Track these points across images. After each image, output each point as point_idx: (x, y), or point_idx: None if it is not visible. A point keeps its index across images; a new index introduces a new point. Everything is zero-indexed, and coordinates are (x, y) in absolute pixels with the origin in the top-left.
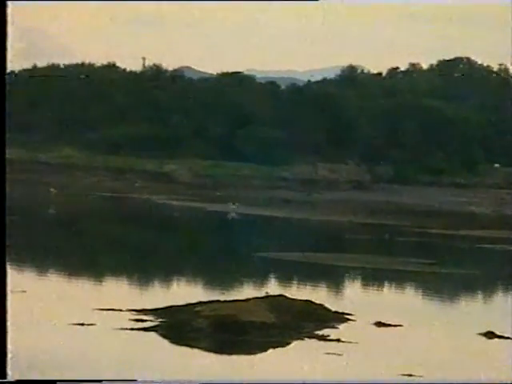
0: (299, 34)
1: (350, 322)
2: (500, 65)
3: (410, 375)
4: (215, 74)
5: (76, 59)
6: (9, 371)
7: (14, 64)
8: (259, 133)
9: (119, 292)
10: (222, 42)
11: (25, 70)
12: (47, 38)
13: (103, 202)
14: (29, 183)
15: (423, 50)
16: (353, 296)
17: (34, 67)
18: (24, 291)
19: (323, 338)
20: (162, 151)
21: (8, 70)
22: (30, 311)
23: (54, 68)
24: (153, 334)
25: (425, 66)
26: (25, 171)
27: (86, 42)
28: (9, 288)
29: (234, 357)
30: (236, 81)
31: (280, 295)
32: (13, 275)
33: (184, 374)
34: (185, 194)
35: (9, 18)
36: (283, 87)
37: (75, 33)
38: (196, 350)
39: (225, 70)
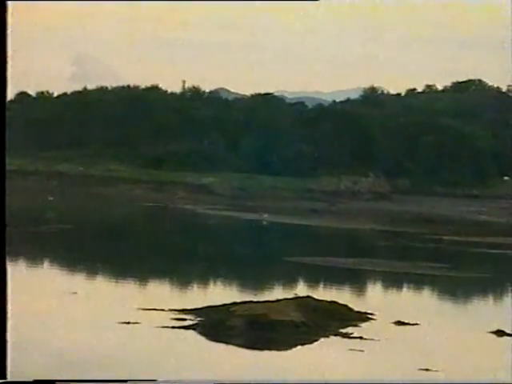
0: (324, 58)
1: (371, 321)
2: (509, 86)
3: (427, 370)
4: (248, 94)
5: (122, 82)
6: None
7: (67, 86)
8: (288, 148)
9: (162, 293)
10: (255, 65)
11: (76, 92)
12: (96, 61)
13: (148, 211)
14: (80, 194)
15: (438, 72)
16: (374, 297)
17: (85, 89)
18: (75, 292)
19: (347, 336)
20: (201, 165)
21: (61, 92)
22: (81, 311)
23: (102, 90)
24: (192, 332)
25: (439, 87)
26: (76, 183)
27: (132, 65)
28: (61, 289)
29: (266, 352)
30: (267, 101)
31: (307, 296)
32: (65, 278)
33: (219, 369)
34: (221, 204)
35: (61, 43)
36: (310, 107)
37: (122, 57)
38: (231, 347)
39: (257, 92)
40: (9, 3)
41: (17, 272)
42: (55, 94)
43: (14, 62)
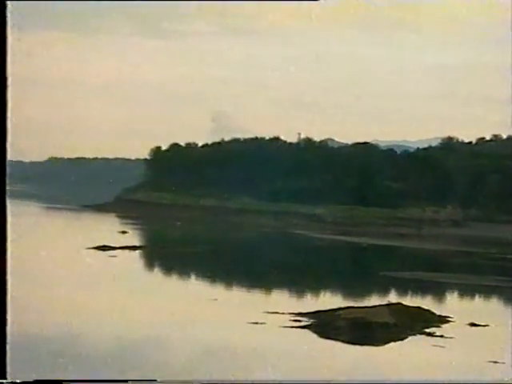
0: (409, 113)
1: (450, 322)
2: None
3: (495, 362)
4: (350, 143)
5: (251, 134)
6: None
7: (207, 138)
8: (382, 185)
9: (282, 300)
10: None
11: (215, 143)
12: (230, 118)
13: (270, 235)
14: (218, 222)
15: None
16: (452, 304)
17: (222, 140)
18: (216, 299)
19: (430, 334)
20: (313, 199)
21: (204, 143)
22: (220, 313)
23: (236, 141)
24: (306, 331)
25: (504, 136)
26: (216, 213)
27: (259, 121)
28: (205, 297)
29: (365, 347)
30: (365, 148)
31: (398, 303)
32: (208, 288)
33: (328, 359)
34: (329, 230)
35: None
36: (399, 152)
37: (251, 114)
38: (337, 343)
39: (357, 141)
40: (9, 3)
41: (170, 283)
42: (200, 144)
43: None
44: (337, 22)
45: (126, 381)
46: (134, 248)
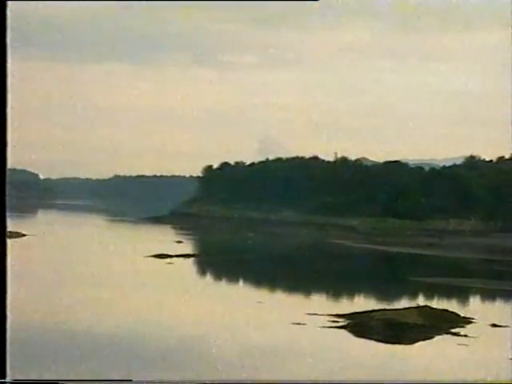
0: (435, 133)
1: (473, 323)
2: None
3: None
4: (382, 162)
5: (293, 154)
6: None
7: (254, 157)
8: (411, 199)
9: (321, 303)
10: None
11: (261, 162)
12: (274, 140)
13: (310, 245)
14: (262, 233)
15: None
16: (475, 306)
17: (267, 160)
18: (261, 302)
19: (455, 334)
20: (347, 212)
21: (248, 162)
22: (264, 315)
23: (279, 160)
24: (343, 331)
25: None
26: (260, 225)
27: (299, 142)
28: (251, 300)
29: (396, 346)
30: (396, 166)
31: (426, 305)
32: (253, 290)
33: (362, 357)
34: (362, 240)
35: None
36: (427, 170)
37: (294, 136)
38: (371, 341)
39: (388, 160)
40: (9, 3)
41: (220, 287)
42: (247, 163)
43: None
44: (368, 52)
45: (127, 381)
46: (188, 256)
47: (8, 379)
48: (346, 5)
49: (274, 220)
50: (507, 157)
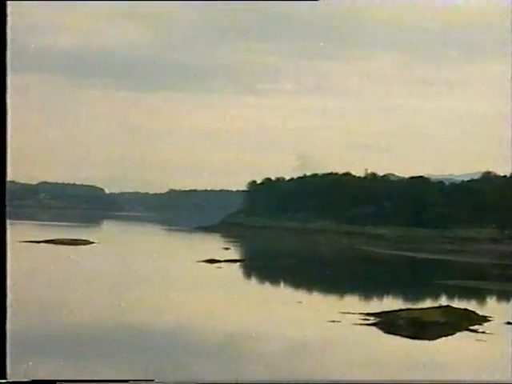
0: (455, 153)
1: (490, 321)
2: None
3: None
4: (407, 177)
5: (327, 170)
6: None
7: (293, 173)
8: (433, 210)
9: (353, 303)
10: (409, 157)
11: (299, 178)
12: (311, 157)
13: (343, 251)
14: (301, 240)
15: None
16: (491, 306)
17: (304, 175)
18: (300, 302)
19: (474, 331)
20: (377, 222)
21: (288, 178)
22: (303, 314)
23: (315, 176)
24: (374, 327)
25: None
26: (298, 234)
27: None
28: (291, 300)
29: (420, 341)
30: (419, 181)
31: (447, 305)
32: (293, 292)
33: (390, 351)
34: (390, 247)
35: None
36: (447, 184)
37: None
38: (398, 337)
39: (412, 175)
40: (9, 3)
41: (264, 289)
42: (286, 179)
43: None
44: (394, 80)
45: (127, 381)
46: (235, 261)
47: (8, 379)
48: (374, 37)
49: (311, 229)
50: None
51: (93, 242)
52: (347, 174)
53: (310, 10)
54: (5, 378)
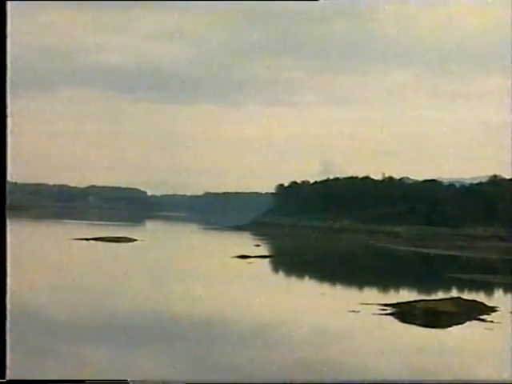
0: (464, 158)
1: (497, 311)
2: None
3: None
4: (421, 180)
5: (348, 174)
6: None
7: (317, 177)
8: (445, 210)
9: (372, 295)
10: (423, 162)
11: (322, 181)
12: (333, 163)
13: (362, 247)
14: (324, 238)
15: None
16: (498, 297)
17: (327, 179)
18: (323, 293)
19: (483, 320)
20: (393, 221)
21: (312, 181)
22: (326, 304)
23: (336, 179)
24: (390, 317)
25: None
26: (322, 232)
27: (353, 164)
28: (314, 292)
29: (434, 329)
30: (432, 184)
31: (458, 297)
32: (317, 285)
33: (406, 338)
34: (405, 244)
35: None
36: (458, 186)
37: (348, 160)
38: (413, 326)
39: (426, 178)
40: (8, 3)
41: (290, 282)
42: (311, 182)
43: (291, 165)
44: (410, 92)
45: (127, 381)
46: (264, 257)
47: (8, 379)
48: (390, 52)
49: (334, 228)
50: None
51: (136, 240)
52: (366, 178)
53: (329, 29)
54: (4, 378)
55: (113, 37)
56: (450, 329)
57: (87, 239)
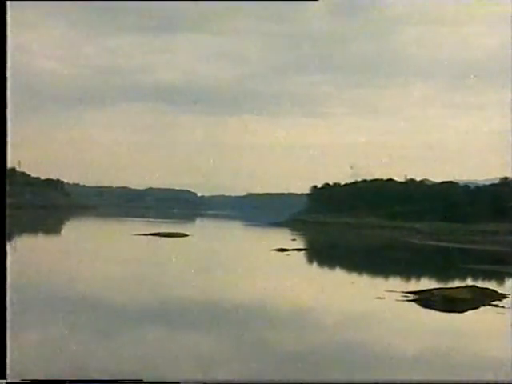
0: (478, 161)
1: (508, 298)
2: None
3: None
4: (439, 181)
5: (374, 177)
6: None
7: (347, 179)
8: (461, 209)
9: (395, 283)
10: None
11: (352, 183)
12: (361, 167)
13: (386, 242)
14: (351, 233)
15: None
16: (509, 285)
17: (356, 181)
18: (353, 282)
19: (495, 305)
20: (414, 218)
21: (343, 183)
22: (354, 292)
23: (365, 181)
24: (412, 303)
25: None
26: (351, 228)
27: (379, 168)
28: (344, 281)
29: (451, 314)
30: (449, 186)
31: (473, 285)
32: (346, 274)
33: (427, 322)
34: (425, 238)
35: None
36: (472, 187)
37: (374, 164)
38: (433, 311)
39: (444, 180)
40: (8, 3)
41: (323, 272)
42: (342, 184)
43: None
44: (431, 103)
45: (131, 380)
46: (300, 250)
47: (8, 379)
48: (411, 67)
49: (362, 224)
50: None
51: (187, 235)
52: (390, 180)
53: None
54: (4, 378)
55: (165, 57)
56: (465, 313)
57: (146, 234)
